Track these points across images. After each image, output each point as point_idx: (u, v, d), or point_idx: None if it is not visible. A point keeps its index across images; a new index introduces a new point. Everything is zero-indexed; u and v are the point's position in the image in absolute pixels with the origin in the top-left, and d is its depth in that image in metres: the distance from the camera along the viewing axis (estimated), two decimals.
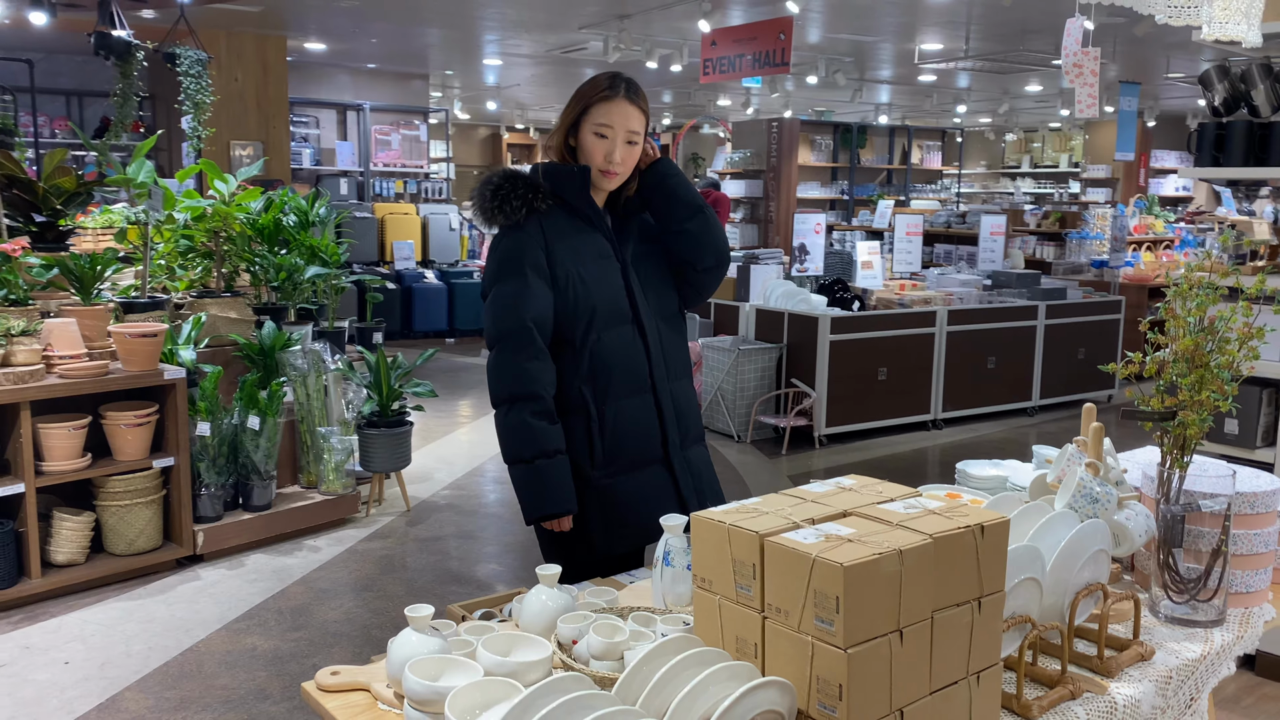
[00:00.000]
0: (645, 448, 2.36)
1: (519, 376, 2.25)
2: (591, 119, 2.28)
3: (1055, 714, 1.59)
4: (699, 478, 2.45)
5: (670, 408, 2.39)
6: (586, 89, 2.31)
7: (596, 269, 2.32)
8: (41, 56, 10.20)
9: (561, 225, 2.31)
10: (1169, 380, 1.91)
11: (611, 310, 2.31)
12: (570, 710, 1.23)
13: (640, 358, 2.34)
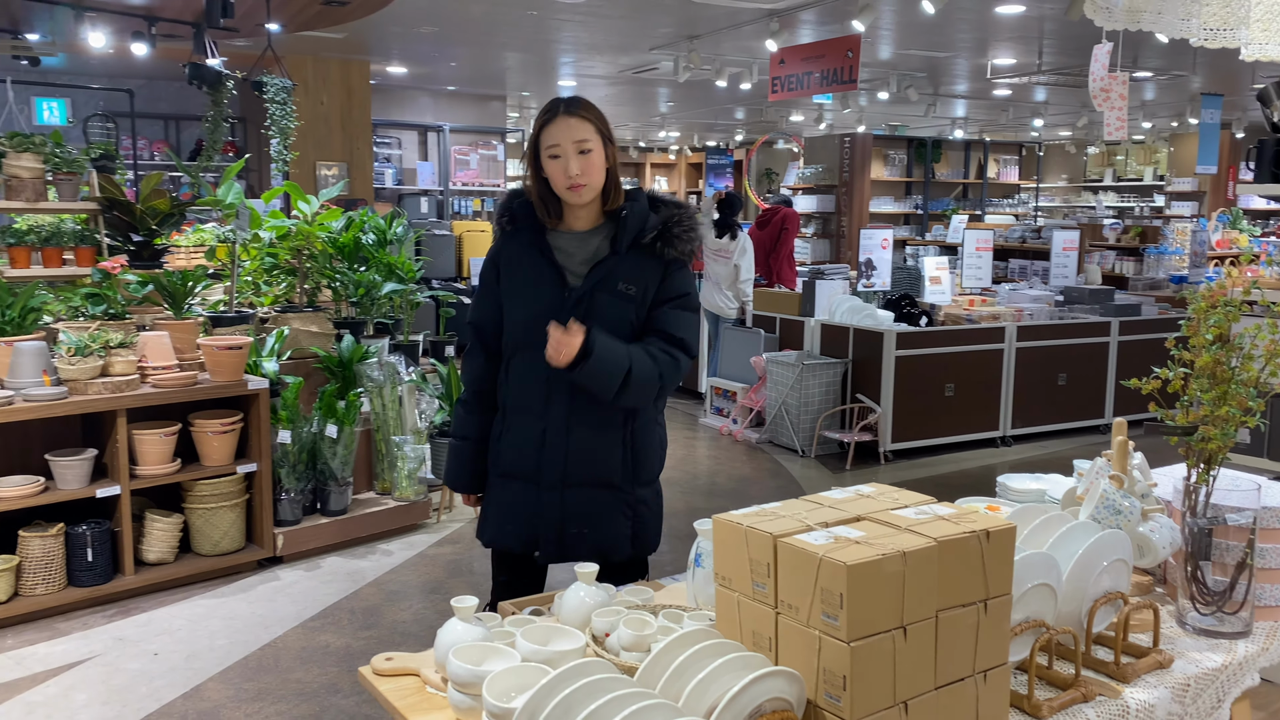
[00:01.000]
0: (522, 467, 2.44)
1: (465, 369, 2.59)
2: (544, 145, 2.35)
3: (1066, 715, 1.65)
4: (575, 520, 2.42)
5: (559, 443, 2.39)
6: (534, 122, 2.41)
7: (528, 293, 2.41)
8: (142, 83, 10.76)
9: (516, 246, 2.44)
10: (1192, 396, 1.96)
11: (528, 335, 2.37)
12: (592, 691, 1.35)
13: (539, 387, 2.38)
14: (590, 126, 2.36)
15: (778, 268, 8.79)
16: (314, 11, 7.65)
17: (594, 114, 2.40)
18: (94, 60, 9.79)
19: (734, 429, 7.59)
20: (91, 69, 10.77)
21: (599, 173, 2.38)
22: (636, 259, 2.40)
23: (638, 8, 8.12)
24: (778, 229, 8.95)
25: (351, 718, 3.38)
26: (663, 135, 19.97)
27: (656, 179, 22.88)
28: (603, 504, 2.44)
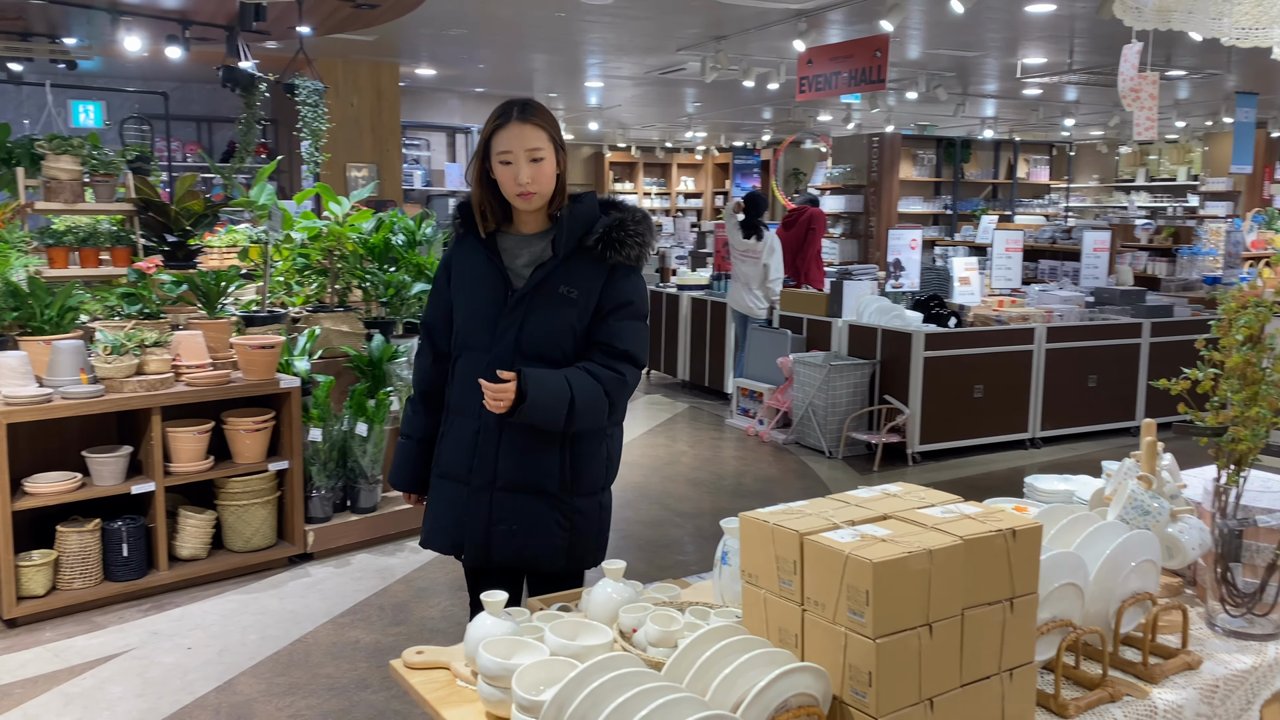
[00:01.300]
0: (456, 468, 2.43)
1: (414, 369, 2.63)
2: (494, 151, 2.33)
3: (1093, 715, 1.65)
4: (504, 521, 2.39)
5: (490, 444, 2.37)
6: (485, 124, 2.39)
7: (472, 295, 2.42)
8: (176, 86, 10.90)
9: (465, 249, 2.46)
10: (1222, 397, 1.95)
11: (471, 336, 2.41)
12: (619, 684, 1.37)
13: (476, 388, 2.33)
14: (543, 134, 2.34)
15: (805, 268, 8.78)
16: (345, 14, 7.72)
17: (547, 120, 2.38)
18: (129, 64, 9.94)
19: (760, 430, 7.59)
20: (126, 72, 10.93)
21: (549, 180, 2.36)
22: (582, 263, 2.37)
23: (665, 9, 8.14)
24: (804, 229, 8.93)
25: (380, 713, 3.42)
26: (689, 136, 19.96)
27: (683, 179, 22.89)
28: (534, 511, 2.40)
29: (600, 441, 2.46)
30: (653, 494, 6.09)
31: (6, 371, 4.02)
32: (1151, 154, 19.50)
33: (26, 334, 4.28)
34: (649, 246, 2.44)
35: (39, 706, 3.39)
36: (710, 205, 22.75)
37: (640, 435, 7.59)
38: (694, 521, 5.58)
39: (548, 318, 2.36)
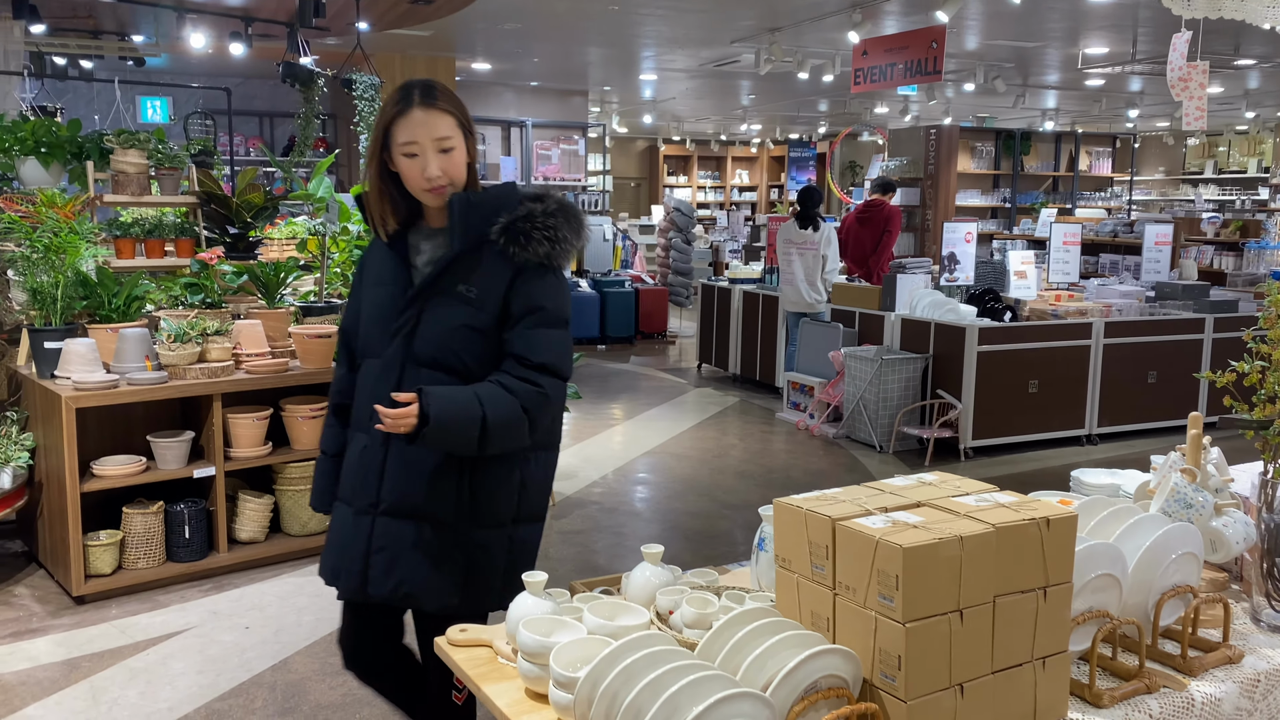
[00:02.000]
0: (346, 490, 2.23)
1: (333, 378, 2.41)
2: (396, 142, 2.09)
3: (1129, 706, 1.65)
4: (382, 551, 2.14)
5: (374, 463, 2.15)
6: (380, 115, 2.15)
7: (373, 296, 2.21)
8: (239, 81, 11.16)
9: (377, 247, 2.26)
10: (1270, 389, 1.92)
11: (370, 340, 2.20)
12: (653, 661, 1.41)
13: (365, 398, 2.16)
14: (451, 120, 2.09)
15: (878, 268, 8.67)
16: (402, 10, 7.85)
17: (454, 104, 2.12)
18: (193, 60, 10.20)
19: (811, 424, 7.58)
20: (191, 69, 11.22)
21: (461, 171, 2.12)
22: (486, 260, 2.11)
23: (719, 1, 8.14)
24: (881, 229, 8.77)
25: None
26: (744, 128, 19.92)
27: (738, 172, 22.83)
28: (422, 541, 2.13)
29: (513, 466, 2.17)
30: (701, 486, 6.12)
31: (75, 358, 4.17)
32: (1220, 145, 19.01)
33: (95, 322, 4.43)
34: (565, 244, 2.12)
35: (105, 679, 3.52)
36: (765, 198, 22.67)
37: (690, 428, 7.62)
38: (742, 514, 5.60)
39: (442, 319, 2.11)
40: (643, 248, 14.59)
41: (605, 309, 11.41)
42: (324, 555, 2.29)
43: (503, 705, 1.64)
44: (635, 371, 10.10)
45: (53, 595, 4.24)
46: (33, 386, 4.34)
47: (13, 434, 4.31)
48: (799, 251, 8.10)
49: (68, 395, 4.00)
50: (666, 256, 13.41)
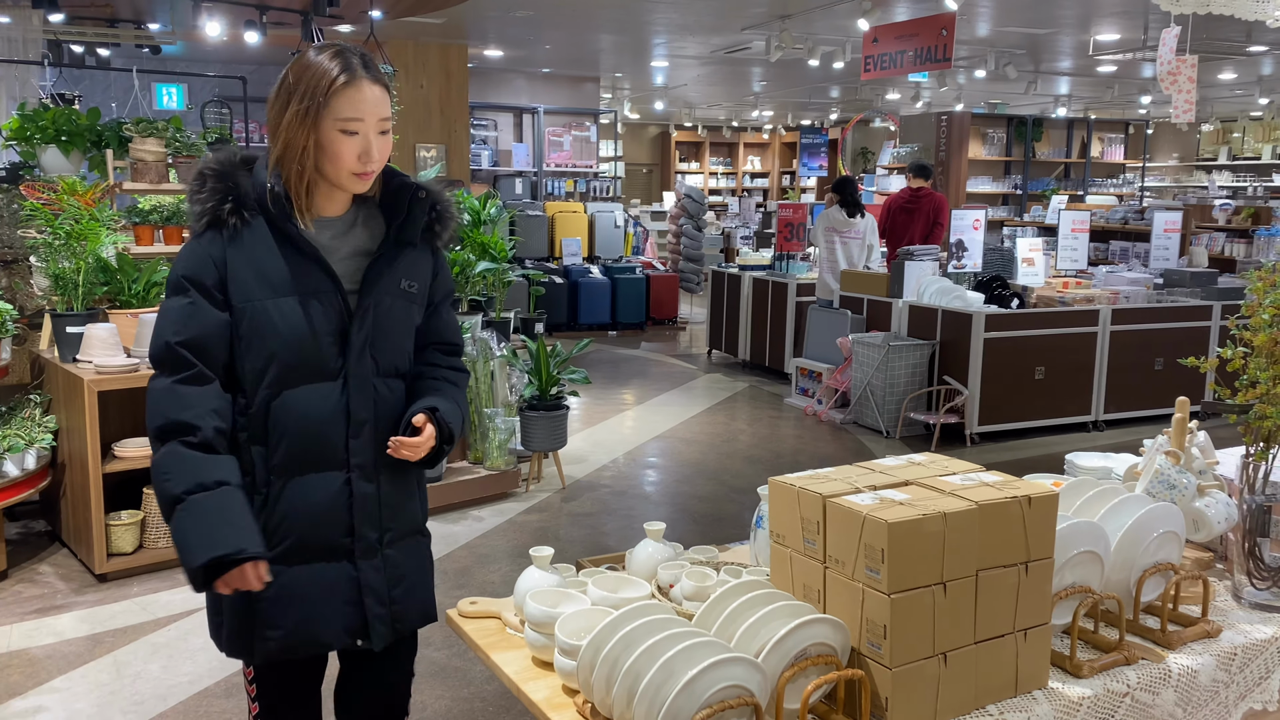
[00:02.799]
0: (322, 537, 1.89)
1: (172, 402, 1.78)
2: (333, 114, 1.79)
3: (1108, 676, 1.73)
4: (401, 582, 1.97)
5: (370, 494, 1.90)
6: (314, 78, 1.80)
7: (294, 305, 1.83)
8: (252, 69, 11.25)
9: (255, 244, 1.82)
10: (1252, 375, 1.99)
11: (305, 361, 1.84)
12: (651, 629, 1.49)
13: (338, 427, 1.86)
14: (389, 101, 1.88)
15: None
16: None
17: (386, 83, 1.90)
18: (208, 48, 10.29)
19: (819, 409, 7.64)
20: (205, 56, 11.31)
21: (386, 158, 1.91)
22: (411, 250, 1.96)
23: None
24: (929, 220, 8.60)
25: (442, 669, 3.60)
26: (756, 114, 19.92)
27: (749, 159, 22.83)
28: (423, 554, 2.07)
29: None
30: (709, 470, 6.20)
31: (97, 343, 4.27)
32: (1235, 132, 18.91)
33: (115, 307, 4.53)
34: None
35: (128, 654, 3.64)
36: (777, 185, 22.68)
37: (699, 413, 7.70)
38: (749, 497, 5.68)
39: (395, 322, 1.94)
40: (654, 234, 14.65)
41: (616, 295, 11.48)
42: (270, 627, 1.87)
43: (510, 672, 1.73)
44: (645, 357, 10.18)
45: (76, 573, 4.36)
46: (55, 370, 4.44)
47: (36, 416, 4.42)
48: (844, 240, 8.17)
49: (90, 379, 4.10)
50: (678, 243, 13.47)
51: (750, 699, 1.39)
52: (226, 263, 1.81)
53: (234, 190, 1.82)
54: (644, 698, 1.39)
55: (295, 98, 1.80)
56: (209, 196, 1.82)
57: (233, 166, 1.85)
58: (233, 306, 1.82)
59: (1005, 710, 1.60)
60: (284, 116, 1.81)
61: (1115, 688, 1.70)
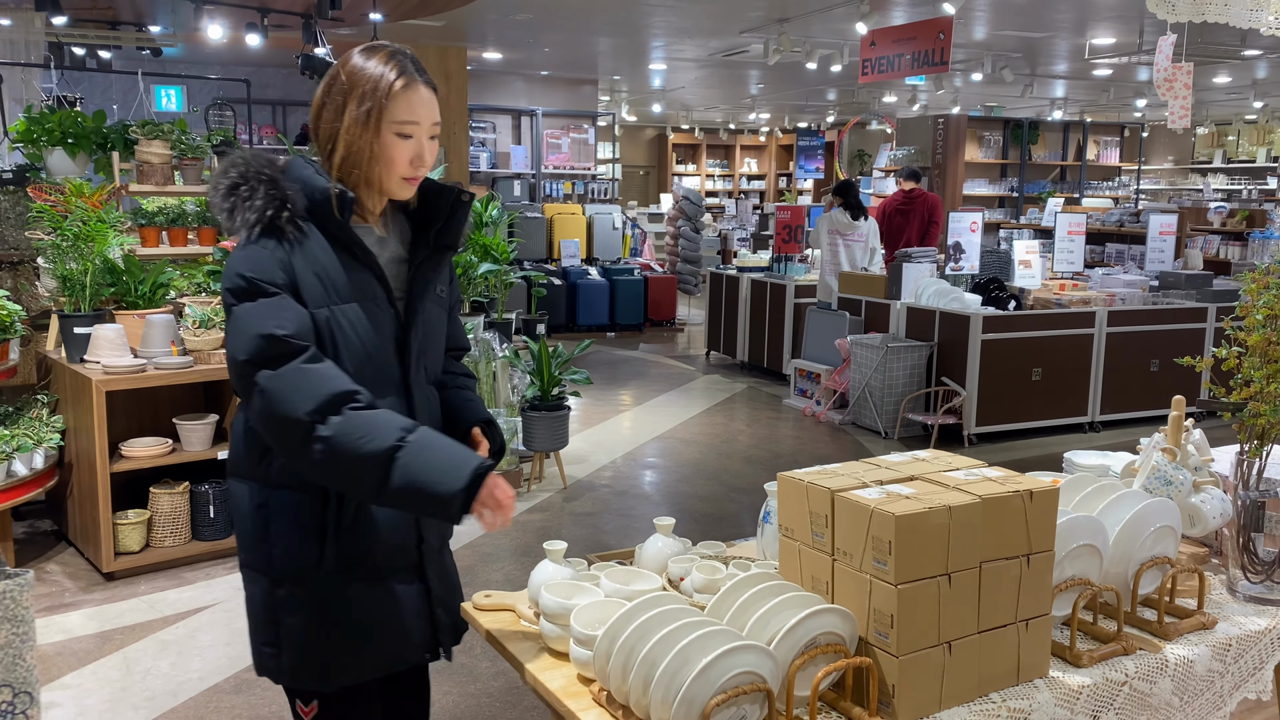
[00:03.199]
0: (396, 549, 1.86)
1: (314, 380, 1.67)
2: (391, 117, 1.76)
3: (1107, 666, 1.78)
4: (452, 590, 1.99)
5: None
6: (371, 81, 1.76)
7: (360, 314, 1.79)
8: (251, 70, 11.29)
9: (313, 247, 1.77)
10: (1246, 374, 2.04)
11: (373, 371, 1.79)
12: (665, 618, 1.54)
13: None
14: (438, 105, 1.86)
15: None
16: (415, 1, 7.96)
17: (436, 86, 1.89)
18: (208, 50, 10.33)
19: (817, 410, 7.70)
20: (205, 58, 11.35)
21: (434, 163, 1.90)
22: (436, 254, 1.92)
23: None
24: (925, 220, 8.87)
25: (448, 666, 3.64)
26: (753, 117, 19.98)
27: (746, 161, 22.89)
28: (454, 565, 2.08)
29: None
30: (709, 470, 6.25)
31: (104, 343, 4.31)
32: (1229, 135, 19.01)
33: (121, 308, 4.57)
34: None
35: (138, 650, 3.68)
36: (773, 187, 22.74)
37: (698, 414, 7.75)
38: (748, 497, 5.73)
39: (437, 329, 1.94)
40: (652, 236, 14.70)
41: (615, 297, 11.53)
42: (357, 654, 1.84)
43: (526, 663, 1.77)
44: (644, 358, 10.23)
45: (83, 572, 4.39)
46: (62, 370, 4.48)
47: (43, 416, 4.46)
48: (846, 243, 8.25)
49: (98, 379, 4.14)
50: (675, 245, 13.52)
51: (763, 685, 1.44)
52: (293, 268, 1.73)
53: (285, 196, 1.74)
54: (660, 684, 1.44)
55: (353, 101, 1.76)
56: (265, 204, 1.72)
57: (277, 171, 1.77)
58: (317, 316, 1.74)
59: (1008, 698, 1.65)
60: (343, 120, 1.76)
61: (1114, 677, 1.75)
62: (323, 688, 1.85)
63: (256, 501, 1.81)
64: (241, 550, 1.87)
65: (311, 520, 1.78)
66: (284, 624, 1.81)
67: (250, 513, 1.82)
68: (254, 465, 1.81)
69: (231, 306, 1.72)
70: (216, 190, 1.75)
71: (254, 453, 1.81)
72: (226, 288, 1.73)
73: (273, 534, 1.80)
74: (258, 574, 1.84)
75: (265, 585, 1.83)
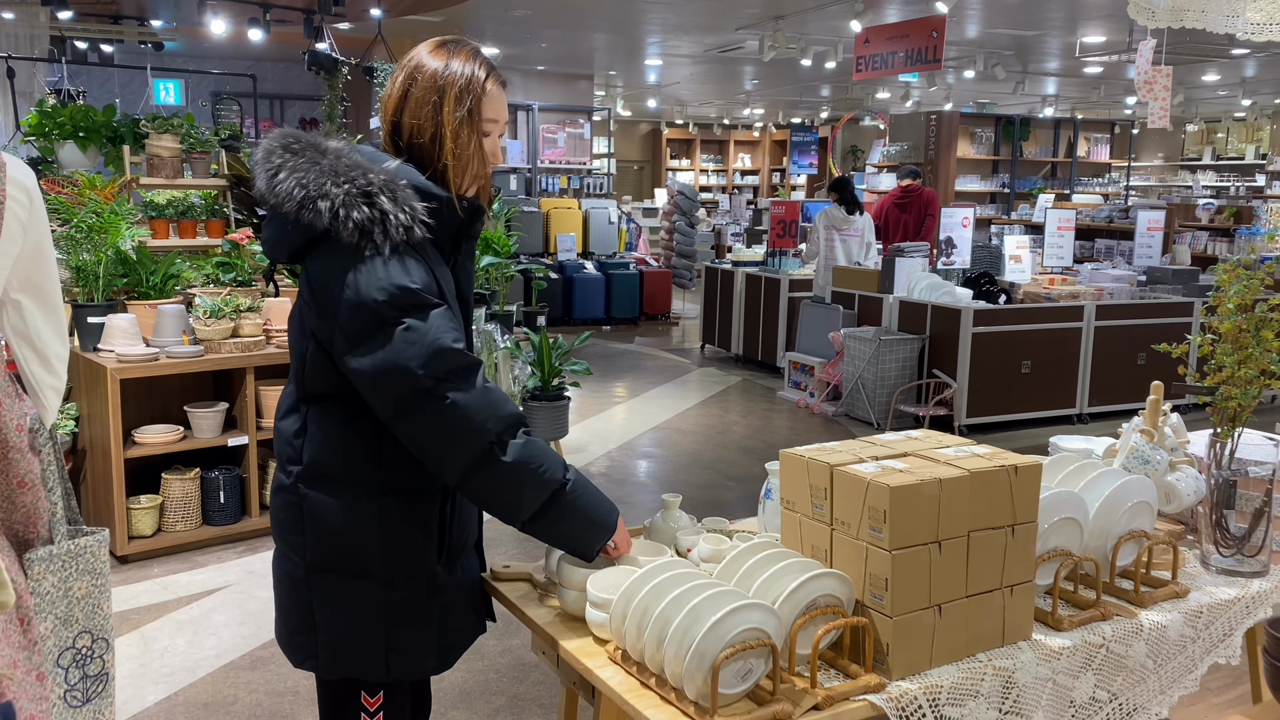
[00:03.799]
0: (472, 529, 2.02)
1: (500, 399, 1.76)
2: (481, 115, 1.81)
3: (1086, 630, 1.91)
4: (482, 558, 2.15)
5: None
6: (464, 79, 1.79)
7: (458, 311, 1.89)
8: (249, 64, 11.37)
9: (434, 258, 1.82)
10: (1219, 360, 2.17)
11: None
12: (677, 581, 1.66)
13: None
14: None
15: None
16: None
17: None
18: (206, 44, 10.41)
19: (811, 402, 7.83)
20: (204, 51, 11.42)
21: None
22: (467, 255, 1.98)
23: None
24: (921, 213, 9.05)
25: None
26: (747, 113, 20.10)
27: (740, 156, 23.01)
28: None
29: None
30: (704, 460, 6.38)
31: (118, 333, 4.41)
32: (1219, 132, 19.19)
33: (134, 299, 4.67)
34: None
35: (154, 630, 3.79)
36: (767, 182, 22.87)
37: (693, 406, 7.88)
38: (744, 485, 5.86)
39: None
40: (646, 230, 14.82)
41: (610, 290, 11.65)
42: (465, 630, 1.99)
43: (543, 625, 1.90)
44: (639, 352, 10.35)
45: None
46: (76, 359, 4.58)
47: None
48: (843, 237, 8.41)
49: (113, 367, 4.25)
50: (670, 239, 13.64)
51: (768, 640, 1.56)
52: (434, 276, 1.78)
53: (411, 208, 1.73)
54: (673, 639, 1.56)
55: (450, 101, 1.77)
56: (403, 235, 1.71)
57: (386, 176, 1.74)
58: None
59: (994, 657, 1.78)
60: (445, 121, 1.77)
61: (1092, 640, 1.88)
62: (423, 675, 1.94)
63: (362, 508, 1.82)
64: (327, 557, 1.85)
65: (430, 519, 1.85)
66: (398, 622, 1.85)
67: (351, 520, 1.82)
68: (355, 472, 1.82)
69: (396, 319, 1.69)
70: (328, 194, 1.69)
71: (357, 460, 1.82)
72: (383, 301, 1.69)
73: (388, 538, 1.82)
74: (359, 580, 1.84)
75: (375, 589, 1.84)
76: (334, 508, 1.83)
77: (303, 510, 1.86)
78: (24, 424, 1.61)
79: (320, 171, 1.72)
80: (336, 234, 1.70)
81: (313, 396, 1.86)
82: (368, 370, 1.71)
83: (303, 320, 1.84)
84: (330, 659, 1.89)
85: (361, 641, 1.87)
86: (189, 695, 3.33)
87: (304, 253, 1.79)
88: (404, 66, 1.83)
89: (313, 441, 1.86)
